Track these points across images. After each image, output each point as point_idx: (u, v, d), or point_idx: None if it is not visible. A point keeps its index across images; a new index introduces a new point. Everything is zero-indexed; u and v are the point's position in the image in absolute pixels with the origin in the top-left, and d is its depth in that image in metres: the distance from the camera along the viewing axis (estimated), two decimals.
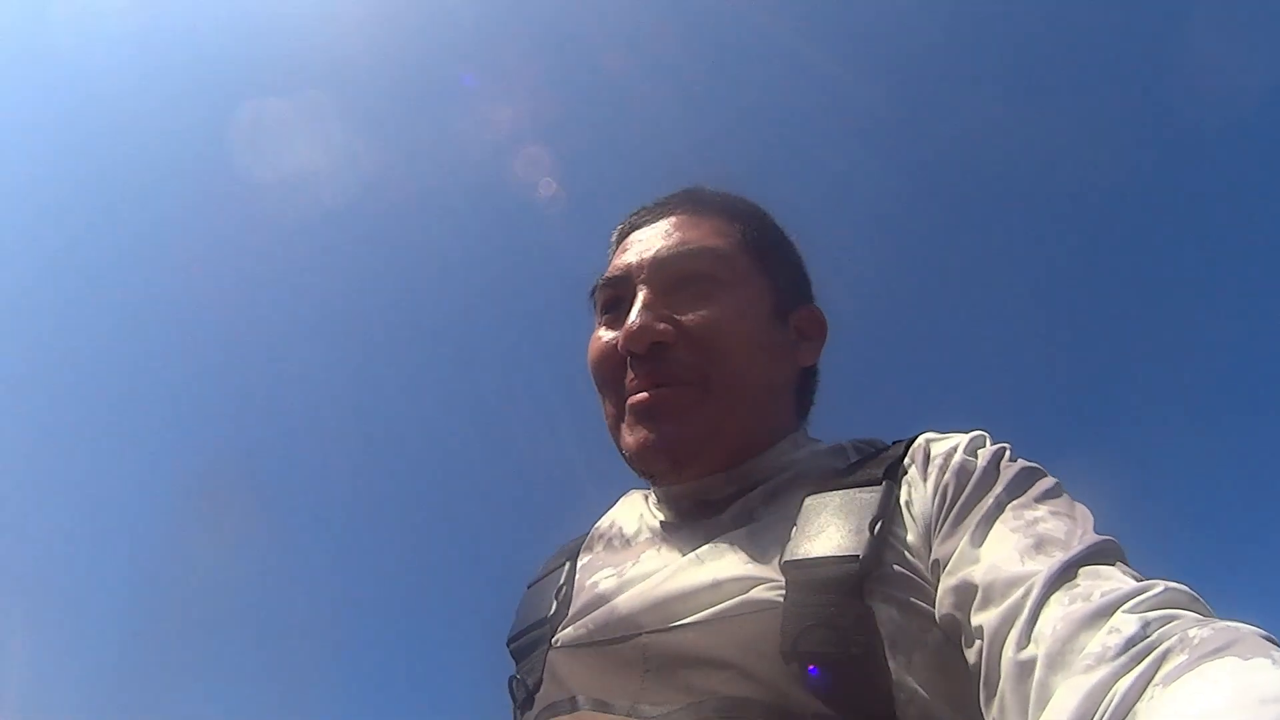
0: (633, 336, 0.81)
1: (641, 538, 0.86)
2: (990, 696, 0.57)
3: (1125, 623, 0.51)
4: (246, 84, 3.44)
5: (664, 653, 0.70)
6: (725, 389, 0.81)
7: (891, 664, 0.63)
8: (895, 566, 0.68)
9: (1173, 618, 0.51)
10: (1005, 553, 0.62)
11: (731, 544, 0.75)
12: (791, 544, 0.71)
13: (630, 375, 0.83)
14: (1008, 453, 0.75)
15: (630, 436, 0.83)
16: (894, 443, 0.84)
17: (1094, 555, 0.60)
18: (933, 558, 0.68)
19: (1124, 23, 3.30)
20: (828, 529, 0.71)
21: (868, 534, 0.68)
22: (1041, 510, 0.66)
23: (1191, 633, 0.48)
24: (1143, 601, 0.52)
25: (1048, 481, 0.71)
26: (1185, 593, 0.54)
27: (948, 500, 0.70)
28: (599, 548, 0.90)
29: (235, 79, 3.48)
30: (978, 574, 0.62)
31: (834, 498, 0.74)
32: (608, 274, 0.90)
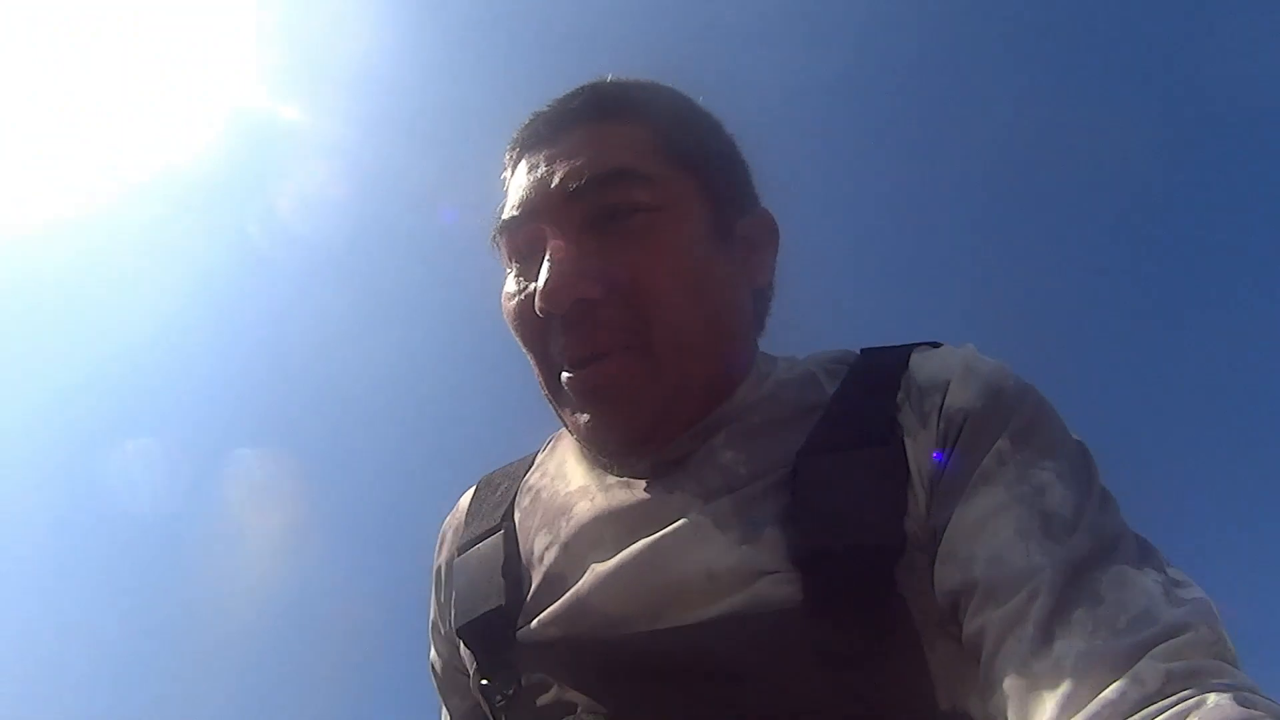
0: (549, 296, 0.67)
1: (582, 493, 0.74)
2: (988, 707, 0.54)
3: (1150, 673, 0.47)
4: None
5: (670, 659, 0.62)
6: (673, 347, 0.68)
7: (929, 657, 0.59)
8: (915, 547, 0.61)
9: (1196, 674, 0.47)
10: (1008, 536, 0.56)
11: (713, 519, 0.64)
12: (798, 527, 0.62)
13: (556, 338, 0.70)
14: (1008, 381, 0.66)
15: (575, 418, 0.71)
16: (862, 352, 0.75)
17: (1109, 552, 0.55)
18: (931, 524, 0.61)
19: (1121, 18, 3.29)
20: (842, 509, 0.62)
21: (891, 514, 0.61)
22: (1048, 471, 0.59)
23: (1210, 699, 0.45)
24: (1171, 649, 0.48)
25: (1053, 424, 0.64)
26: (1213, 631, 0.50)
27: (947, 451, 0.63)
28: (527, 501, 0.78)
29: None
30: (979, 563, 0.56)
31: (836, 463, 0.64)
32: (508, 214, 0.74)
